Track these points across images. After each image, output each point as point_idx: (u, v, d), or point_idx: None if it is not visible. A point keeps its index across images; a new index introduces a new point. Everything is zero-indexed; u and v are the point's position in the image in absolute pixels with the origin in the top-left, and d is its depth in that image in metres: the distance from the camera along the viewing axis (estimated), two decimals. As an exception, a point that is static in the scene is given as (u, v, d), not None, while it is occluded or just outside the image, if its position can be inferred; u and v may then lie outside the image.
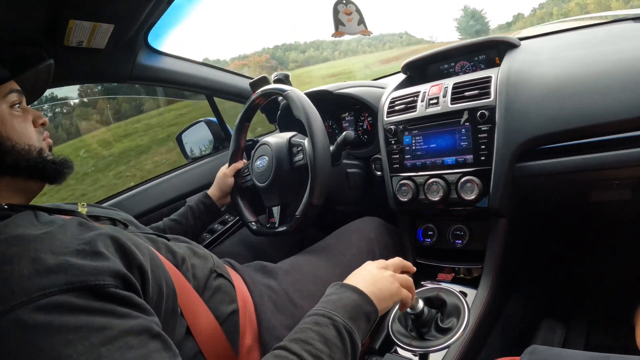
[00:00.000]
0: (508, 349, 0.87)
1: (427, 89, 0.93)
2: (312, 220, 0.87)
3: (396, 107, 0.96)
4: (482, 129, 0.82)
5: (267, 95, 0.99)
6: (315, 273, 0.79)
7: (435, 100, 0.89)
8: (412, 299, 0.64)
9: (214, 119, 1.41)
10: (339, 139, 0.91)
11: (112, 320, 0.36)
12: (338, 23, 0.99)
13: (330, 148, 0.91)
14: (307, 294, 0.74)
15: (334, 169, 0.99)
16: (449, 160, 0.87)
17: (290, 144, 0.93)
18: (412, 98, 0.95)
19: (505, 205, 0.82)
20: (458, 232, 0.92)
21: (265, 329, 0.63)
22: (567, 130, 0.74)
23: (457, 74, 1.09)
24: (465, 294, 0.83)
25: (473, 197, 0.82)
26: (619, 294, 0.97)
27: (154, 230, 0.70)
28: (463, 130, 0.85)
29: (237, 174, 1.04)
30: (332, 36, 1.01)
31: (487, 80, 0.85)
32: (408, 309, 0.70)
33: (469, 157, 0.84)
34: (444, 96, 0.88)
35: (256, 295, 0.68)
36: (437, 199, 0.86)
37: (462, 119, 0.85)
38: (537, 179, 0.80)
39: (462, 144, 0.85)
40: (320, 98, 1.14)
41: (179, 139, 1.44)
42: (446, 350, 0.72)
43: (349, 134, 0.89)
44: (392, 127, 0.95)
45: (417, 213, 0.98)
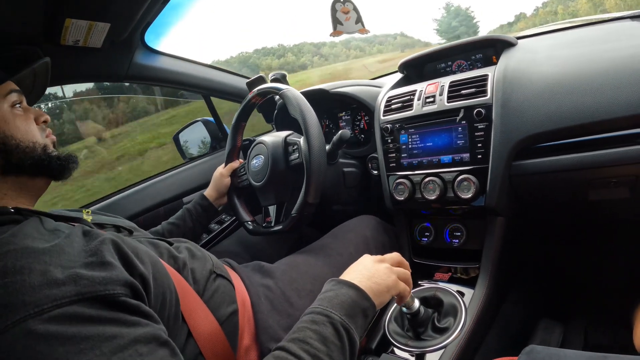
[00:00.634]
0: (505, 349, 0.87)
1: (423, 87, 0.93)
2: (309, 219, 0.87)
3: (393, 106, 0.96)
4: (479, 127, 0.82)
5: (263, 95, 0.99)
6: (311, 272, 0.79)
7: (431, 99, 0.89)
8: (409, 292, 0.64)
9: (211, 118, 1.41)
10: (335, 138, 0.91)
11: (122, 329, 0.37)
12: (336, 22, 0.99)
13: (327, 147, 0.90)
14: (304, 293, 0.74)
15: (331, 168, 0.99)
16: (446, 158, 0.86)
17: (286, 143, 0.93)
18: (409, 97, 0.94)
19: (502, 204, 0.82)
20: (455, 231, 0.91)
21: (262, 328, 0.63)
22: (563, 128, 0.73)
23: (454, 72, 1.09)
24: (462, 294, 0.83)
25: (470, 195, 0.82)
26: (617, 293, 0.96)
27: (154, 235, 0.70)
28: (459, 128, 0.84)
29: (234, 174, 1.04)
30: (331, 35, 1.01)
31: (484, 78, 0.85)
32: (404, 309, 0.70)
33: (466, 156, 0.84)
34: (441, 94, 0.88)
35: (254, 295, 0.68)
36: (433, 197, 0.86)
37: (459, 117, 0.84)
38: (534, 177, 0.80)
39: (458, 142, 0.85)
40: (317, 97, 1.14)
41: (176, 138, 1.44)
42: (443, 350, 0.72)
43: (345, 132, 0.89)
44: (388, 125, 0.95)
45: (414, 212, 0.97)
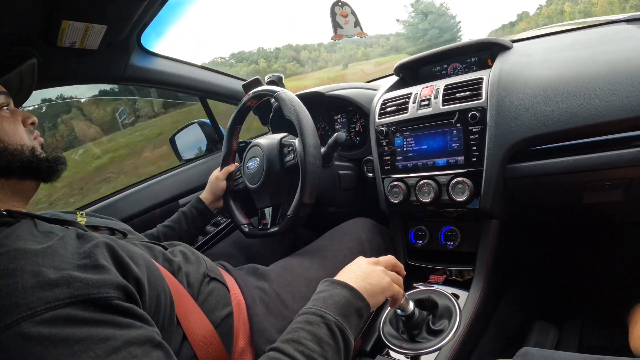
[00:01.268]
0: (500, 351, 0.87)
1: (418, 90, 0.93)
2: (304, 220, 0.87)
3: (388, 109, 0.96)
4: (473, 130, 0.82)
5: (258, 97, 0.99)
6: (306, 275, 0.79)
7: (426, 102, 0.89)
8: (402, 296, 0.64)
9: (207, 120, 1.41)
10: (330, 141, 0.91)
11: (116, 331, 0.37)
12: (336, 26, 0.99)
13: (322, 150, 0.91)
14: (299, 295, 0.74)
15: (326, 170, 0.99)
16: (440, 161, 0.87)
17: (281, 145, 0.93)
18: (404, 99, 0.94)
19: (496, 207, 0.82)
20: (450, 234, 0.92)
21: (257, 331, 0.63)
22: (558, 131, 0.74)
23: (450, 75, 1.09)
24: (457, 296, 0.83)
25: (464, 198, 0.82)
26: (612, 295, 0.96)
27: (149, 239, 0.70)
28: (454, 131, 0.85)
29: (230, 177, 1.04)
30: (332, 39, 1.02)
31: (479, 81, 0.85)
32: (398, 311, 0.70)
33: (460, 159, 0.84)
34: (436, 97, 0.88)
35: (248, 297, 0.68)
36: (428, 200, 0.86)
37: (454, 120, 0.85)
38: (528, 180, 0.80)
39: (453, 145, 0.85)
40: (312, 100, 1.14)
41: (172, 140, 1.44)
42: (437, 352, 0.72)
43: (340, 135, 0.89)
44: (383, 128, 0.95)
45: (409, 214, 0.97)
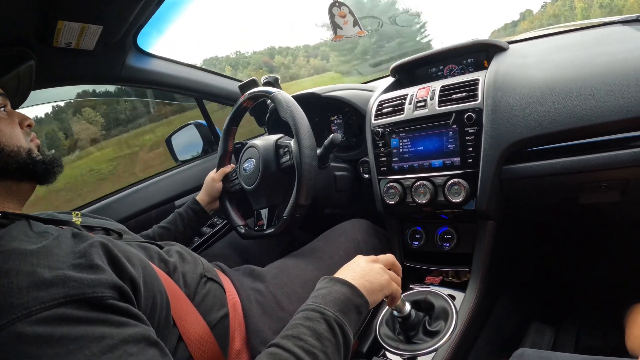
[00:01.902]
0: (496, 352, 0.87)
1: (414, 91, 0.93)
2: (300, 221, 0.87)
3: (384, 110, 0.96)
4: (469, 131, 0.82)
5: (254, 98, 0.99)
6: (302, 276, 0.79)
7: (422, 103, 0.89)
8: (400, 295, 0.64)
9: (203, 121, 1.40)
10: (326, 142, 0.90)
11: (112, 329, 0.37)
12: (336, 27, 0.99)
13: (318, 151, 0.90)
14: (295, 297, 0.74)
15: (322, 172, 0.99)
16: (436, 162, 0.87)
17: (277, 146, 0.93)
18: (400, 101, 0.94)
19: (492, 208, 0.82)
20: (446, 235, 0.92)
21: (253, 332, 0.63)
22: (554, 132, 0.74)
23: (446, 77, 1.09)
24: (453, 297, 0.83)
25: (460, 199, 0.82)
26: (608, 296, 0.97)
27: (144, 238, 0.70)
28: (450, 132, 0.85)
29: (226, 178, 1.04)
30: (332, 40, 1.01)
31: (475, 82, 0.85)
32: (395, 312, 0.70)
33: (456, 160, 0.84)
34: (432, 99, 0.88)
35: (244, 299, 0.68)
36: (424, 201, 0.86)
37: (450, 122, 0.85)
38: (524, 181, 0.80)
39: (449, 146, 0.85)
40: (308, 101, 1.14)
41: (168, 141, 1.43)
42: (434, 353, 0.72)
43: (336, 136, 0.89)
44: (379, 129, 0.95)
45: (405, 216, 0.97)
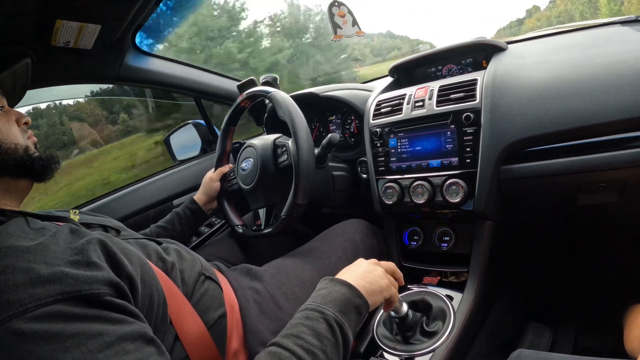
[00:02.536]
0: (494, 352, 0.87)
1: (413, 91, 0.93)
2: (298, 221, 0.87)
3: (382, 110, 0.96)
4: (468, 131, 0.82)
5: (252, 98, 0.99)
6: (300, 276, 0.79)
7: (420, 103, 0.89)
8: (397, 300, 0.65)
9: (201, 121, 1.40)
10: (324, 141, 0.90)
11: (108, 326, 0.37)
12: (335, 26, 0.99)
13: (316, 151, 0.90)
14: (292, 297, 0.74)
15: (320, 171, 0.99)
16: (434, 162, 0.86)
17: (275, 145, 0.93)
18: (398, 100, 0.94)
19: (490, 208, 0.82)
20: (444, 236, 0.91)
21: (251, 332, 0.63)
22: (552, 132, 0.74)
23: (445, 77, 1.09)
24: (451, 298, 0.83)
25: (458, 199, 0.82)
26: (607, 296, 0.97)
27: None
28: (448, 132, 0.84)
29: (224, 178, 1.04)
30: (333, 40, 1.02)
31: (473, 82, 0.85)
32: (392, 312, 0.70)
33: (454, 160, 0.84)
34: (430, 99, 0.88)
35: (242, 298, 0.67)
36: (422, 201, 0.86)
37: (448, 122, 0.84)
38: (522, 181, 0.80)
39: (447, 146, 0.85)
40: (307, 101, 1.14)
41: (166, 141, 1.43)
42: (431, 354, 0.72)
43: (334, 136, 0.89)
44: (377, 129, 0.94)
45: (403, 216, 0.97)
